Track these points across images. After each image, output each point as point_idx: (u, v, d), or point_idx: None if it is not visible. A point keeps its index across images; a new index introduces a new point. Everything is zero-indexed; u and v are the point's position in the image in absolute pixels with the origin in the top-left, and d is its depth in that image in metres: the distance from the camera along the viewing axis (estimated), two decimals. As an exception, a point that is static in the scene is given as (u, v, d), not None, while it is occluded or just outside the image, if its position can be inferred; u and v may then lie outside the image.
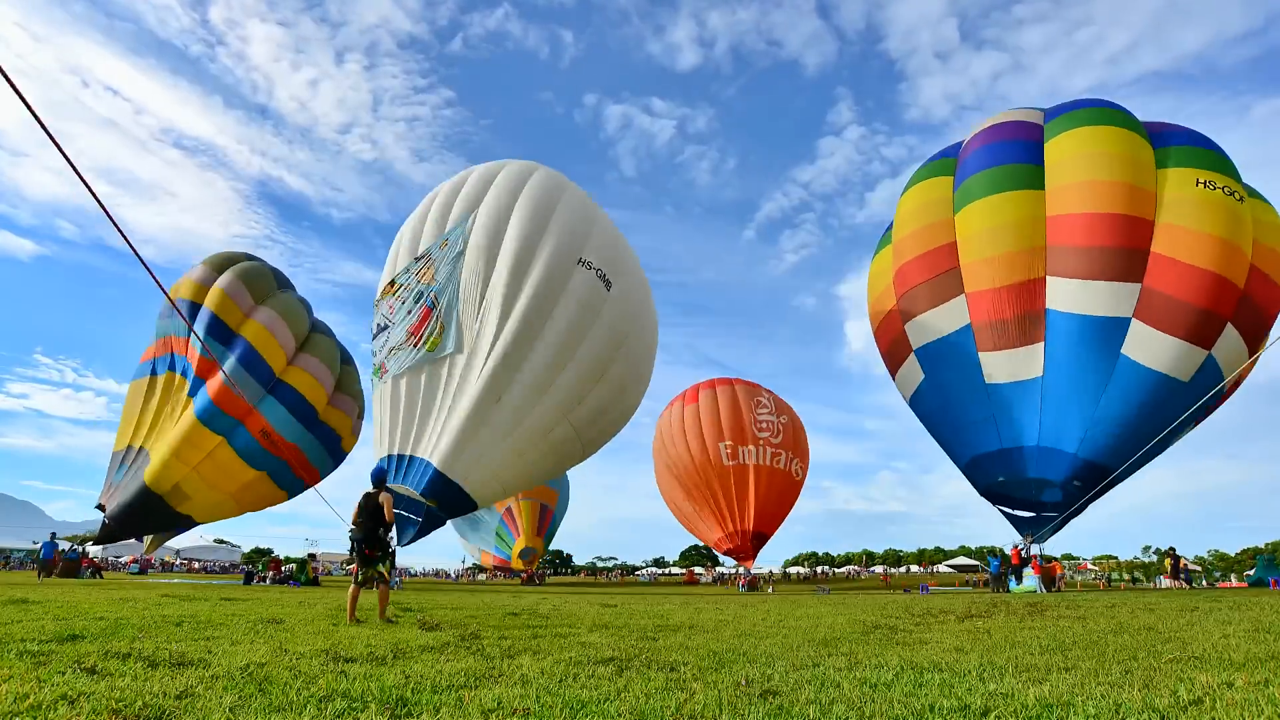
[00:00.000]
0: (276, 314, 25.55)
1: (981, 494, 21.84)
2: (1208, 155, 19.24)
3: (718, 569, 72.65)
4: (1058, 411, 18.71)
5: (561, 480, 42.28)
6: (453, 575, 67.67)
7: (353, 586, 8.10)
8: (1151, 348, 17.89)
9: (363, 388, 28.45)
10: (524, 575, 45.49)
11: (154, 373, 26.18)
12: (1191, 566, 65.47)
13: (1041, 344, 18.79)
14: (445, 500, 19.39)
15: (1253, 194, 19.61)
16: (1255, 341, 18.83)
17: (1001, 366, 19.37)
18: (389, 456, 20.34)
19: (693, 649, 5.45)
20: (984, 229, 19.71)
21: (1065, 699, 3.25)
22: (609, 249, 21.17)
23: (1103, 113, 20.13)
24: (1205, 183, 18.34)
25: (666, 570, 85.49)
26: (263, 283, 26.07)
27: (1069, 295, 18.50)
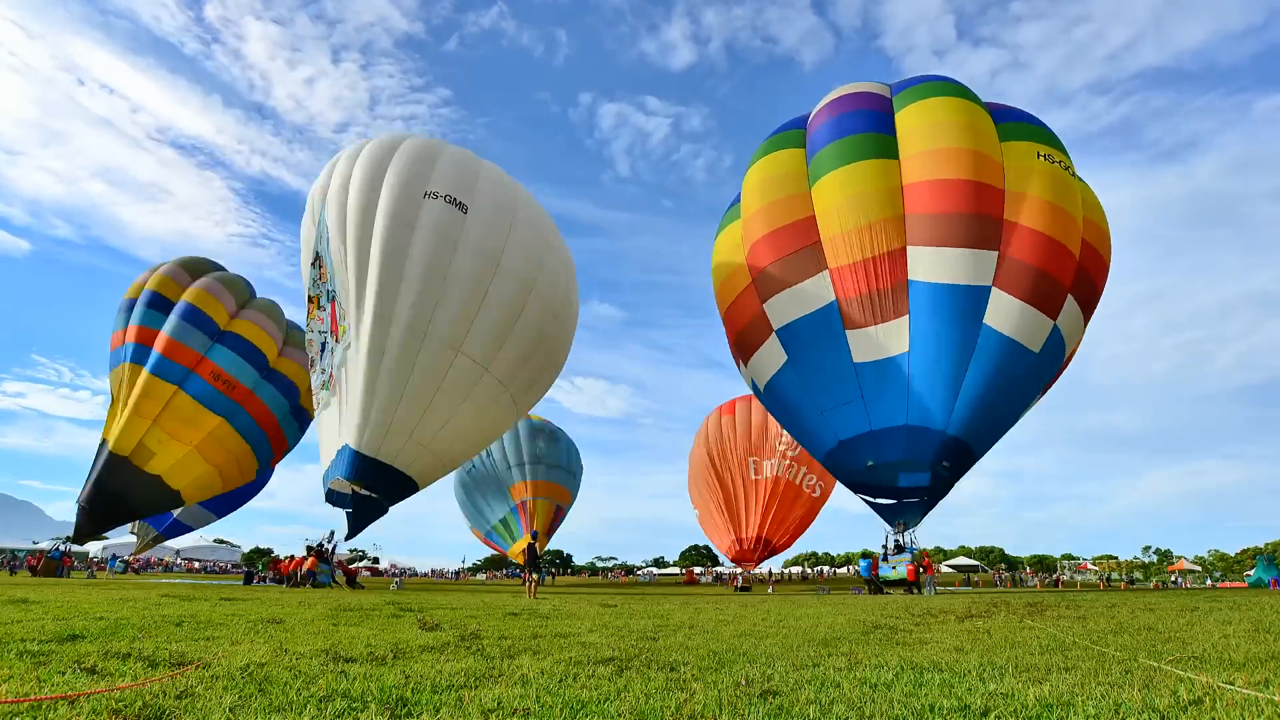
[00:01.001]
0: (216, 280, 26.97)
1: (845, 483, 21.26)
2: (1043, 132, 19.63)
3: (717, 569, 72.69)
4: (926, 388, 18.27)
5: (574, 481, 42.59)
6: (451, 574, 67.75)
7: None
8: (1010, 315, 17.79)
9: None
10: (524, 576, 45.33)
11: (123, 361, 26.62)
12: (1191, 567, 65.55)
13: (906, 317, 18.34)
14: (375, 481, 18.85)
15: (1082, 181, 20.19)
16: (1088, 314, 19.37)
17: (869, 344, 18.82)
18: (333, 461, 20.25)
19: (693, 649, 5.44)
20: (843, 199, 19.05)
21: (1065, 699, 3.25)
22: (456, 174, 19.91)
23: (946, 86, 20.13)
24: (1045, 155, 18.66)
25: (665, 570, 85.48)
26: (198, 267, 27.42)
27: (930, 264, 18.20)
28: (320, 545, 23.28)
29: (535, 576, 18.35)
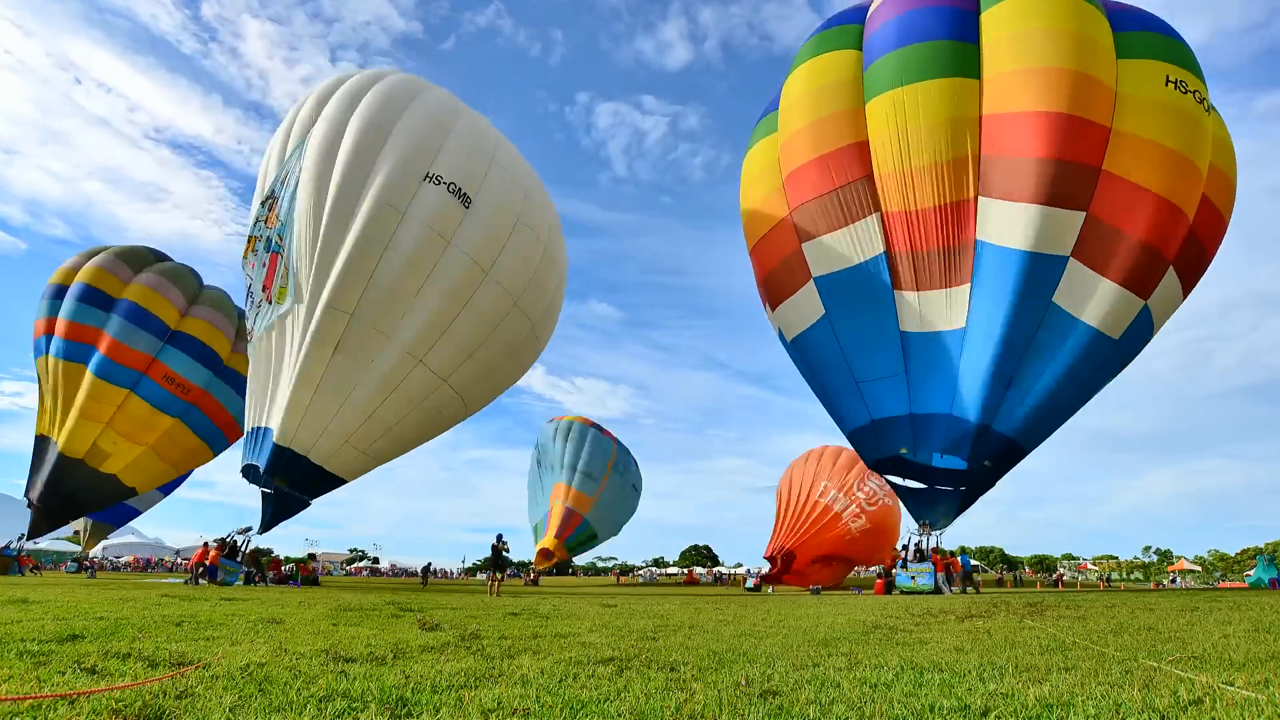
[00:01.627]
0: (160, 276, 25.98)
1: (871, 464, 18.77)
2: (1177, 48, 15.39)
3: (717, 569, 72.77)
4: (977, 374, 15.47)
5: (599, 489, 42.74)
6: (452, 574, 67.80)
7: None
8: (1087, 295, 14.68)
9: None
10: (525, 576, 45.81)
11: (44, 353, 26.24)
12: (1191, 567, 65.54)
13: (968, 286, 15.36)
14: (294, 476, 17.46)
15: (1210, 107, 15.93)
16: (1189, 284, 16.11)
17: (921, 311, 15.95)
18: (249, 431, 18.61)
19: (693, 649, 5.45)
20: (904, 127, 15.51)
21: (1065, 699, 3.25)
22: (467, 156, 17.58)
23: None
24: (1177, 82, 14.59)
25: (665, 570, 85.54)
26: (138, 258, 26.34)
27: (1003, 222, 14.83)
28: (229, 538, 21.27)
29: (499, 576, 18.98)
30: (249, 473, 18.72)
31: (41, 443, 25.74)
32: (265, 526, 19.24)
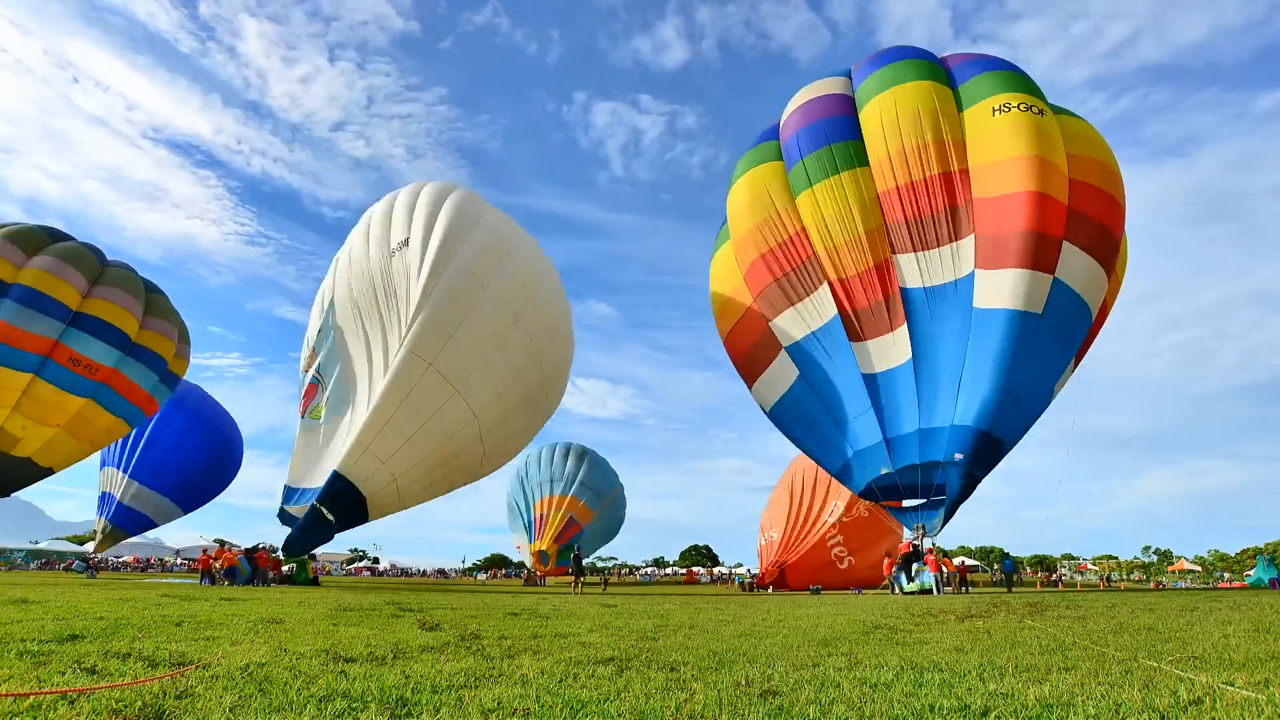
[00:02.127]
0: (57, 258, 25.45)
1: (862, 494, 20.55)
2: (1003, 77, 18.80)
3: (717, 569, 72.78)
4: (932, 389, 18.08)
5: (599, 500, 44.66)
6: (450, 575, 67.82)
7: None
8: (996, 287, 17.25)
9: (179, 311, 29.18)
10: (525, 576, 46.50)
11: None
12: (1191, 567, 65.48)
13: (904, 325, 18.58)
14: (340, 505, 19.28)
15: (1059, 110, 19.17)
16: (1107, 258, 18.02)
17: (875, 354, 19.04)
18: (289, 488, 21.74)
19: (693, 649, 5.44)
20: (830, 214, 19.34)
21: (1065, 699, 3.25)
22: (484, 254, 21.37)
23: (903, 66, 19.61)
24: (1000, 107, 17.98)
25: (665, 570, 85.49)
26: (33, 239, 25.63)
27: (913, 270, 18.57)
28: (263, 546, 24.17)
29: (581, 579, 23.27)
30: (282, 515, 21.14)
31: None
32: (294, 549, 20.36)
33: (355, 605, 10.75)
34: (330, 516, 19.60)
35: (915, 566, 19.18)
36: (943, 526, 18.99)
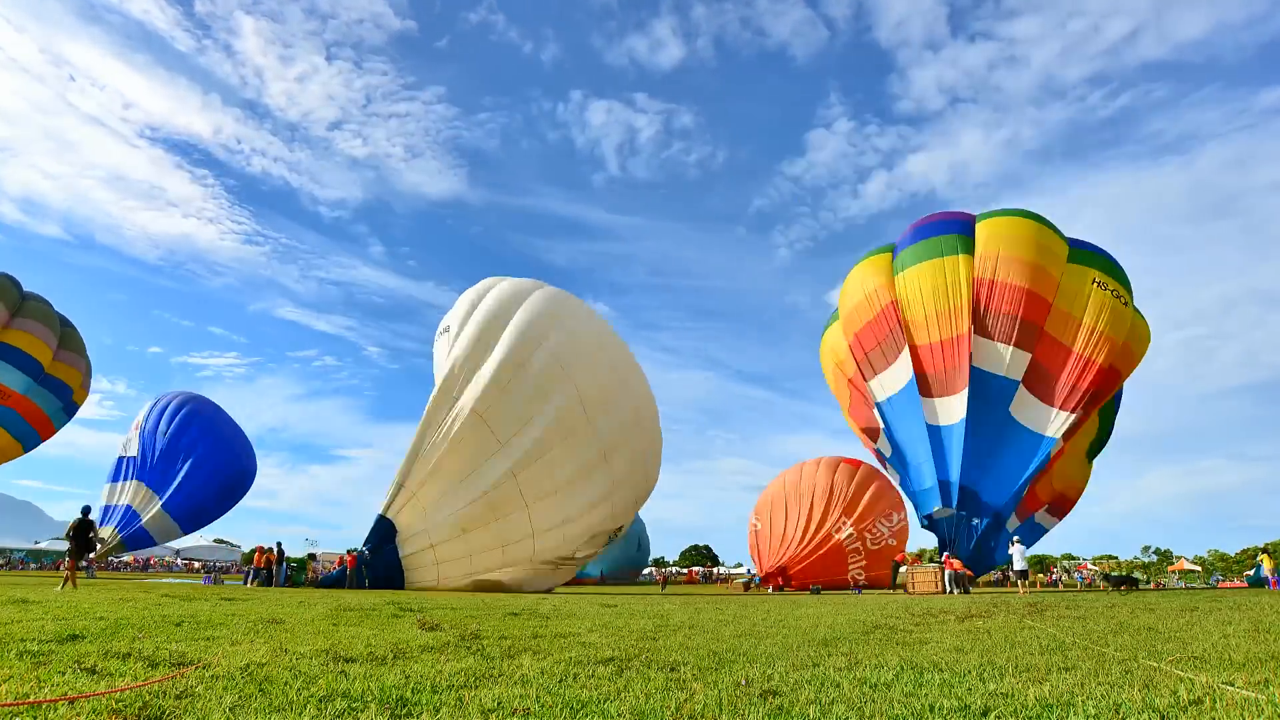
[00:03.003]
0: None
1: (922, 524, 24.25)
2: (1108, 263, 23.05)
3: (717, 569, 72.82)
4: (971, 456, 22.04)
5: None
6: None
7: None
8: (1028, 408, 21.72)
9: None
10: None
11: None
12: (1191, 567, 65.37)
13: (965, 391, 21.99)
14: (375, 543, 19.57)
15: (1137, 311, 23.58)
16: (1098, 404, 22.59)
17: (938, 411, 22.70)
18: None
19: (693, 649, 5.44)
20: (922, 288, 23.11)
21: (1065, 699, 3.25)
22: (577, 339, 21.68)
23: (1026, 213, 23.78)
24: (1099, 282, 22.14)
25: (666, 570, 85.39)
26: None
27: (982, 352, 22.21)
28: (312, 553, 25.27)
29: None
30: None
31: None
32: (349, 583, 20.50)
33: (355, 605, 10.75)
34: (367, 554, 19.92)
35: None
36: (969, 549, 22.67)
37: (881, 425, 24.63)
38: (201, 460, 33.41)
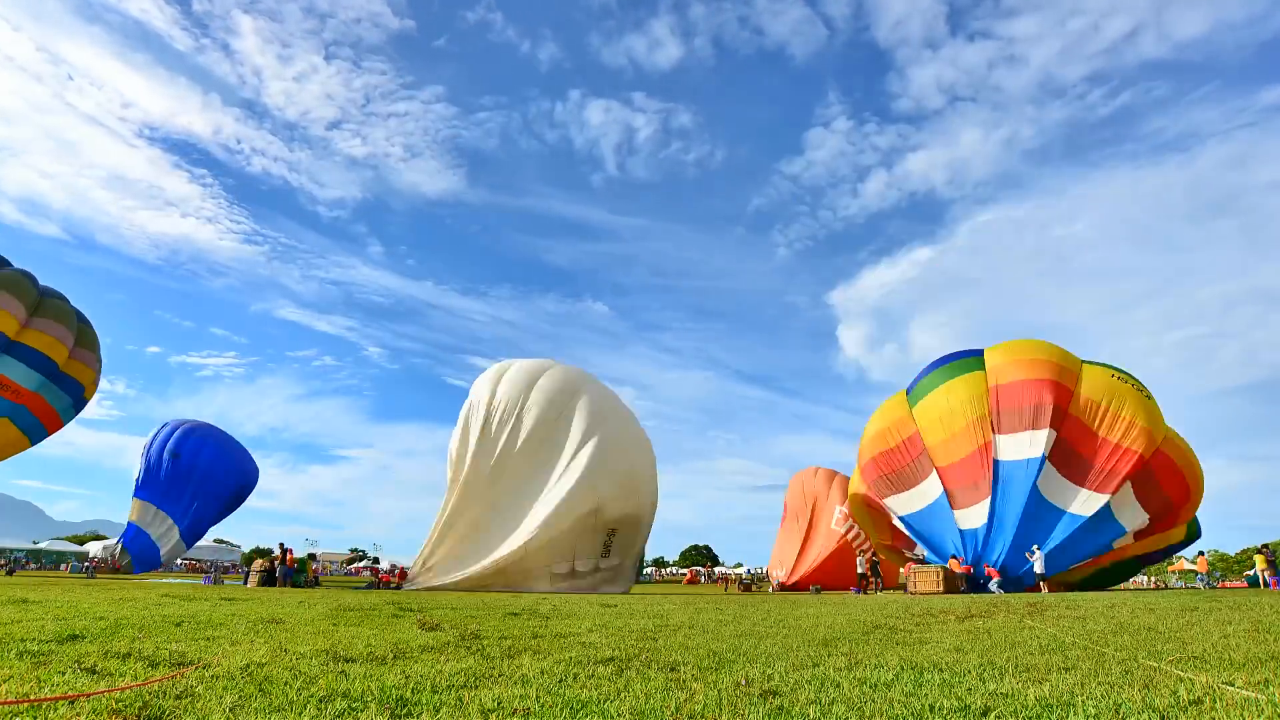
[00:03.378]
0: (4, 292, 26.79)
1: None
2: (1123, 371, 23.70)
3: (718, 569, 72.87)
4: (996, 545, 22.85)
5: None
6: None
7: None
8: (1054, 483, 22.05)
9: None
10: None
11: None
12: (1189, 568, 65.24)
13: (989, 499, 22.62)
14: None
15: (1149, 397, 23.75)
16: (1153, 512, 21.90)
17: (962, 518, 23.59)
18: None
19: (693, 649, 5.44)
20: (942, 412, 24.11)
21: (1065, 699, 3.25)
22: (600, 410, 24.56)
23: (1033, 340, 25.24)
24: (1119, 376, 22.88)
25: (668, 570, 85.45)
26: None
27: (1006, 446, 22.88)
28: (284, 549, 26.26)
29: (876, 582, 26.13)
30: None
31: None
32: None
33: (355, 605, 10.75)
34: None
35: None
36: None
37: (907, 532, 25.43)
38: (219, 494, 34.63)
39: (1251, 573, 34.07)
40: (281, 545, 27.11)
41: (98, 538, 69.94)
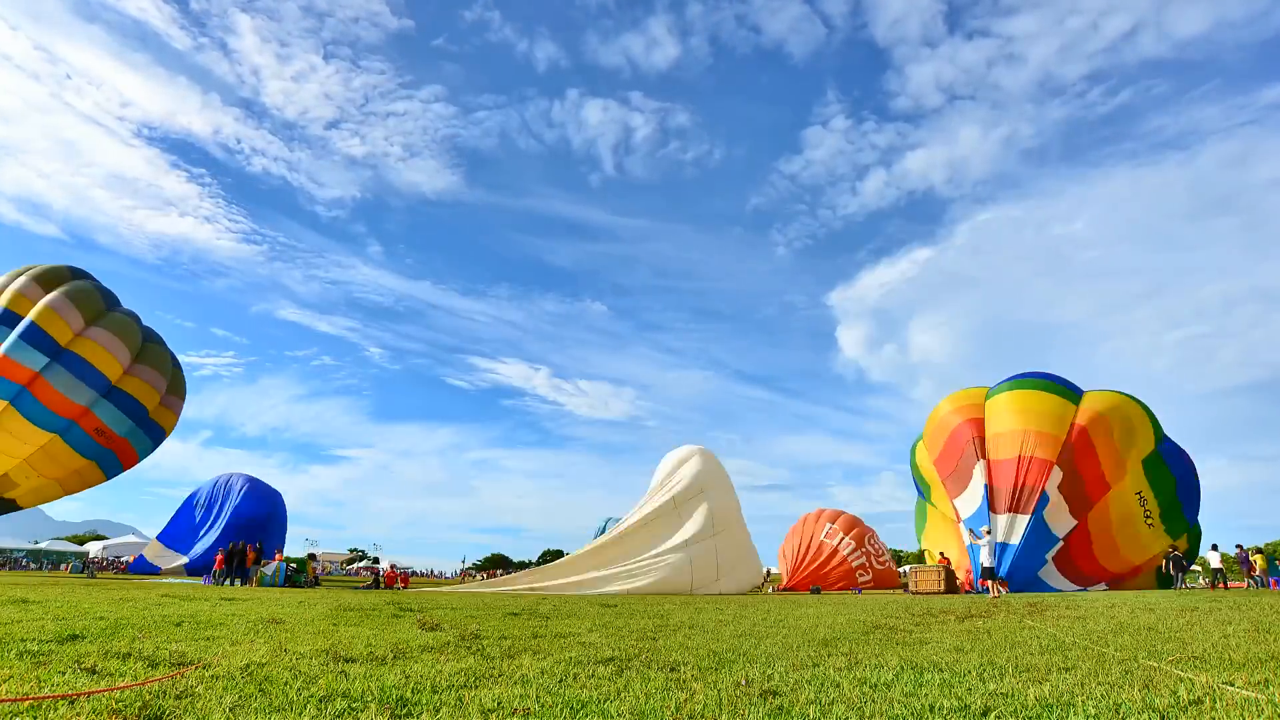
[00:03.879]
0: (111, 333, 27.28)
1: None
2: (1174, 481, 24.48)
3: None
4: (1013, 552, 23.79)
5: None
6: (448, 575, 67.87)
7: None
8: (1056, 513, 23.39)
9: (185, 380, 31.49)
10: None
11: None
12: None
13: (1029, 516, 23.09)
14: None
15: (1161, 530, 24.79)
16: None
17: (999, 527, 23.90)
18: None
19: (693, 649, 5.44)
20: (1019, 406, 24.95)
21: (1065, 699, 3.25)
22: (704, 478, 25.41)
23: (1137, 400, 26.12)
24: (1140, 496, 23.76)
25: None
26: (91, 303, 27.30)
27: (1051, 500, 23.67)
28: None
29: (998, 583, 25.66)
30: None
31: None
32: None
33: (355, 605, 10.75)
34: None
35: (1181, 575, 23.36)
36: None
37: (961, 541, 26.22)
38: (234, 534, 33.90)
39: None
40: (234, 543, 25.47)
41: (98, 538, 69.99)
